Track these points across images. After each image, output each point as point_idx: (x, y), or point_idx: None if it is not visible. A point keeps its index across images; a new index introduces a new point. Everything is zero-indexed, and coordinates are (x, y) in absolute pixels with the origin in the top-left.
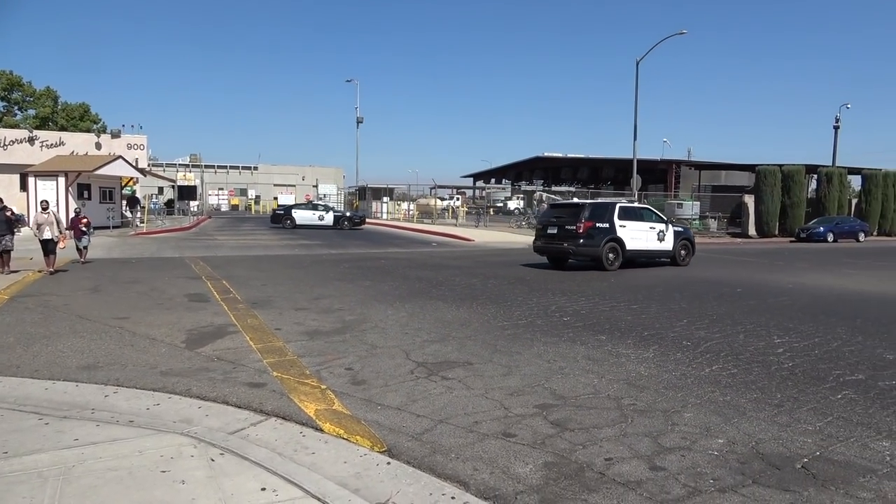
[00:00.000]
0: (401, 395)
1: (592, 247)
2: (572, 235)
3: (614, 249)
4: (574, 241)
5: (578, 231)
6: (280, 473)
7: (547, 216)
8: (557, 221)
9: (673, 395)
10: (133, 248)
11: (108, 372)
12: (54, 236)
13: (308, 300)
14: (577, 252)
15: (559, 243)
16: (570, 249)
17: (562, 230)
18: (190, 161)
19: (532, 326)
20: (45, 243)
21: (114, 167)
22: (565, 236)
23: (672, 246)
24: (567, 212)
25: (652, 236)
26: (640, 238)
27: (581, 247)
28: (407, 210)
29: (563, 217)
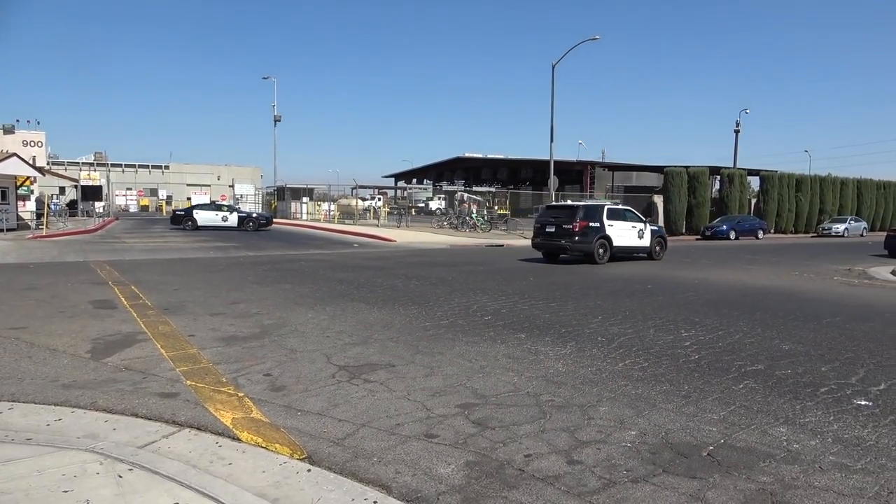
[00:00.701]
0: (322, 400)
1: (586, 244)
2: (569, 234)
3: (604, 246)
4: (570, 238)
5: (574, 230)
6: (194, 487)
7: (545, 216)
8: (556, 221)
9: (589, 390)
10: (31, 253)
11: (2, 387)
12: None
13: (224, 305)
14: (572, 248)
15: (557, 240)
16: (566, 246)
17: (559, 229)
18: (95, 159)
19: (454, 326)
20: None
21: (7, 165)
22: (562, 234)
23: (649, 242)
24: (564, 213)
25: (634, 234)
26: (625, 236)
27: (576, 243)
28: (327, 210)
29: (561, 217)
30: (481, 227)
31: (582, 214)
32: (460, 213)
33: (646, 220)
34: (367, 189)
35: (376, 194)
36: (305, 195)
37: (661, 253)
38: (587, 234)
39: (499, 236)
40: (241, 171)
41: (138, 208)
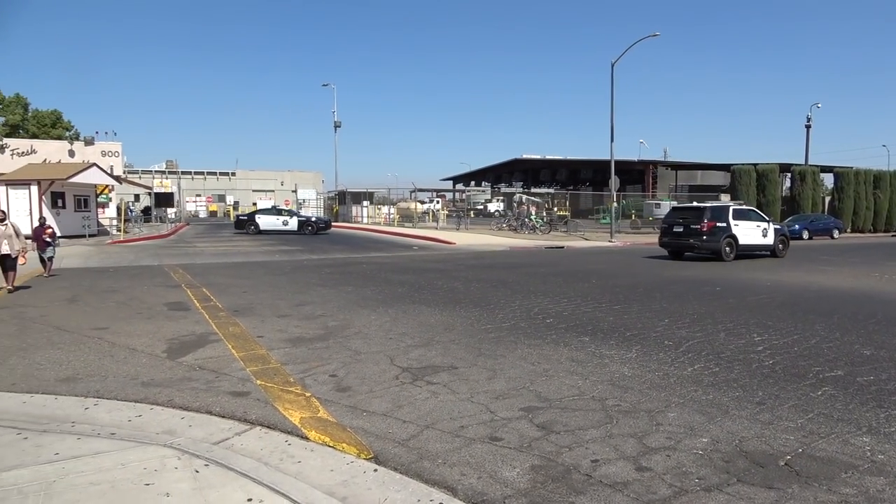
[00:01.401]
0: (386, 401)
1: (714, 242)
2: (697, 233)
3: (730, 244)
4: (698, 237)
5: (702, 229)
6: (266, 483)
7: (672, 217)
8: (683, 222)
9: (656, 395)
10: (111, 257)
11: (88, 384)
12: (13, 251)
13: (290, 307)
14: (700, 247)
15: (685, 239)
16: (694, 244)
17: (687, 229)
18: (166, 167)
19: (515, 329)
20: (3, 259)
21: (88, 175)
22: (690, 234)
23: (773, 241)
24: (691, 213)
25: (758, 233)
26: (750, 235)
27: (705, 242)
28: (387, 214)
29: (688, 218)
30: (540, 228)
31: (709, 215)
32: (519, 215)
33: (769, 220)
34: (425, 192)
35: (435, 197)
36: (365, 199)
37: (784, 250)
38: (715, 234)
39: (559, 238)
40: (303, 177)
41: (207, 214)
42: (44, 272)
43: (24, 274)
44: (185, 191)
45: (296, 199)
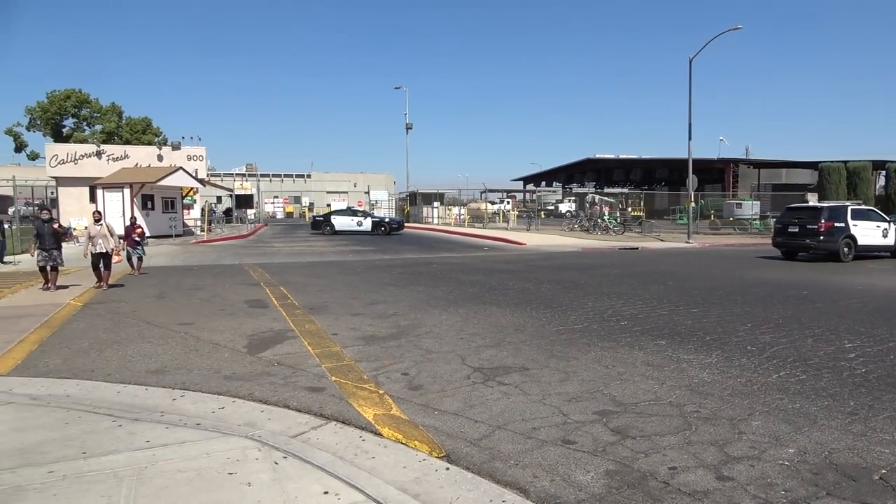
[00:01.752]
0: (458, 401)
1: (832, 243)
2: (813, 233)
3: (849, 245)
4: (815, 237)
5: (819, 230)
6: (341, 477)
7: (787, 217)
8: (799, 222)
9: (738, 403)
10: (194, 256)
11: (175, 376)
12: (108, 249)
13: (363, 305)
14: (817, 247)
15: (800, 240)
16: (811, 245)
17: (803, 229)
18: (246, 171)
19: (588, 331)
20: (99, 257)
21: (175, 178)
22: (806, 234)
23: (893, 241)
24: (807, 213)
25: (878, 233)
26: (869, 235)
27: (822, 243)
28: (458, 214)
29: (804, 218)
30: (614, 229)
31: (827, 215)
32: (591, 216)
33: (890, 220)
34: (496, 192)
35: (505, 198)
36: (436, 200)
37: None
38: (832, 234)
39: (633, 239)
40: (375, 178)
41: (284, 215)
42: (133, 271)
43: (115, 273)
44: (263, 193)
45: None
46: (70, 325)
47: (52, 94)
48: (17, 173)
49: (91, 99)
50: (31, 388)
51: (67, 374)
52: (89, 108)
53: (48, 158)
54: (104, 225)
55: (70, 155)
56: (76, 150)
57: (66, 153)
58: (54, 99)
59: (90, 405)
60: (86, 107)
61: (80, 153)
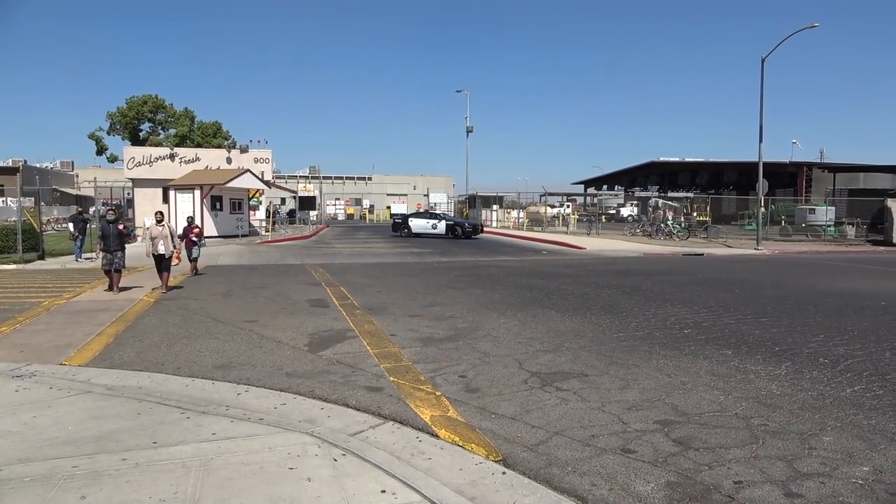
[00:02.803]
0: (515, 405)
1: None
2: None
3: None
4: None
5: None
6: (398, 477)
7: None
8: None
9: (809, 417)
10: (259, 256)
11: (240, 371)
12: (168, 251)
13: (421, 307)
14: None
15: None
16: None
17: None
18: (309, 173)
19: (650, 338)
20: (159, 259)
21: (242, 180)
22: None
23: None
24: None
25: None
26: None
27: None
28: (517, 218)
29: None
30: (678, 234)
31: None
32: (654, 220)
33: None
34: (555, 196)
35: (565, 201)
36: (495, 203)
37: None
38: None
39: (698, 244)
40: (434, 181)
41: (345, 216)
42: (190, 272)
43: (174, 274)
44: (325, 195)
45: (427, 203)
46: (143, 320)
47: (130, 99)
48: (98, 175)
49: (166, 104)
50: (107, 379)
51: (140, 366)
52: (164, 113)
53: (126, 161)
54: (165, 226)
55: (145, 157)
56: (151, 153)
57: (142, 156)
58: (133, 104)
59: (160, 397)
60: (161, 112)
61: (154, 156)
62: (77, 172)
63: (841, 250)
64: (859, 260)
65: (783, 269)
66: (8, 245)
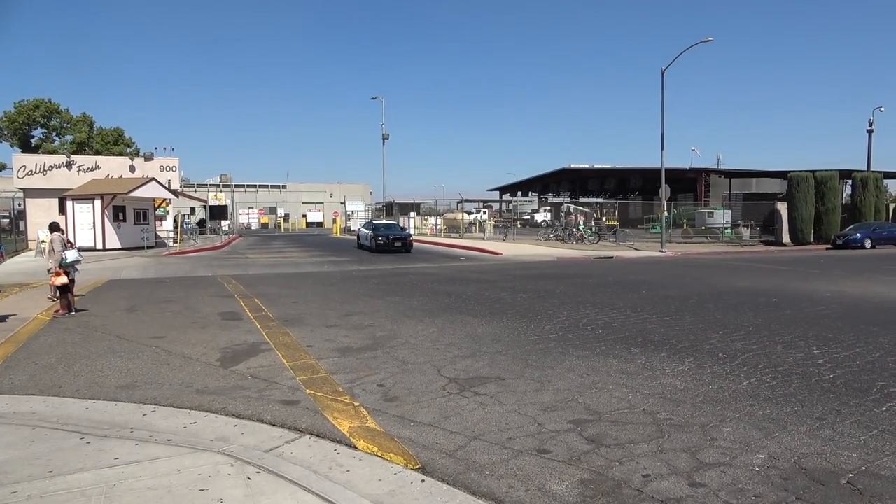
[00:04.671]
0: (433, 412)
1: None
2: None
3: None
4: None
5: None
6: (316, 492)
7: None
8: None
9: (710, 410)
10: (167, 268)
11: (146, 391)
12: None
13: (339, 317)
14: None
15: None
16: None
17: None
18: (220, 181)
19: (563, 340)
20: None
21: (147, 189)
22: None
23: None
24: None
25: None
26: None
27: None
28: (434, 225)
29: None
30: (589, 238)
31: None
32: (567, 225)
33: None
34: (472, 203)
35: (481, 208)
36: (412, 210)
37: None
38: None
39: (607, 248)
40: (351, 189)
41: (259, 226)
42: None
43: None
44: (238, 203)
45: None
46: (37, 339)
47: (20, 103)
48: None
49: (61, 109)
50: None
51: (33, 390)
52: (59, 119)
53: (16, 169)
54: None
55: (39, 166)
56: (45, 161)
57: (34, 164)
58: (23, 109)
59: (57, 422)
60: (56, 117)
61: (49, 164)
62: None
63: (737, 251)
64: (753, 259)
65: (685, 270)
66: None
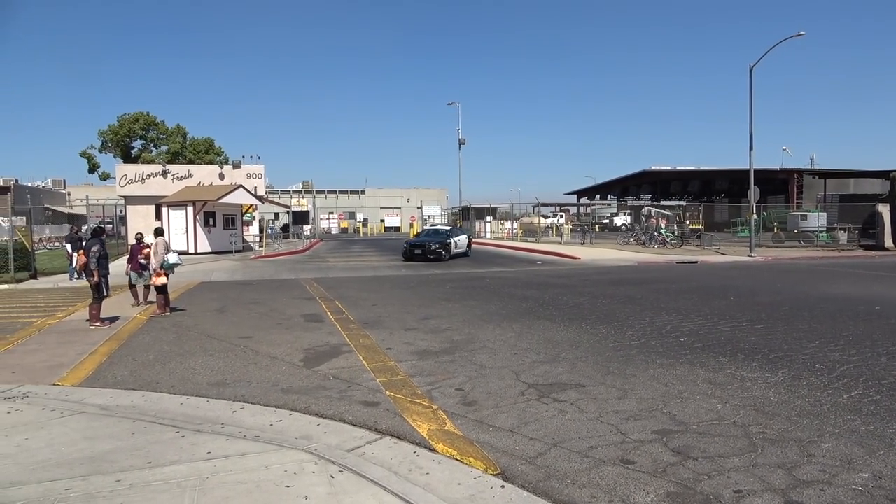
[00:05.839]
0: (512, 417)
1: None
2: None
3: None
4: None
5: None
6: (397, 493)
7: None
8: None
9: (807, 424)
10: (253, 271)
11: (235, 389)
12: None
13: (416, 320)
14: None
15: None
16: None
17: None
18: (303, 187)
19: (646, 348)
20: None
21: (235, 196)
22: None
23: None
24: None
25: None
26: None
27: None
28: (510, 229)
29: None
30: (671, 242)
31: None
32: (647, 229)
33: None
34: (548, 206)
35: (558, 211)
36: (489, 214)
37: None
38: None
39: (691, 252)
40: (428, 193)
41: (339, 230)
42: (137, 301)
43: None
44: (318, 209)
45: (421, 216)
46: (136, 338)
47: (122, 117)
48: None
49: (158, 121)
50: (101, 399)
51: (134, 385)
52: (156, 130)
53: (118, 178)
54: (155, 243)
55: (138, 175)
56: (143, 170)
57: (134, 173)
58: (124, 122)
59: (155, 416)
60: (153, 128)
61: (147, 173)
62: (69, 191)
63: (833, 256)
64: (852, 265)
65: (777, 276)
66: (0, 265)
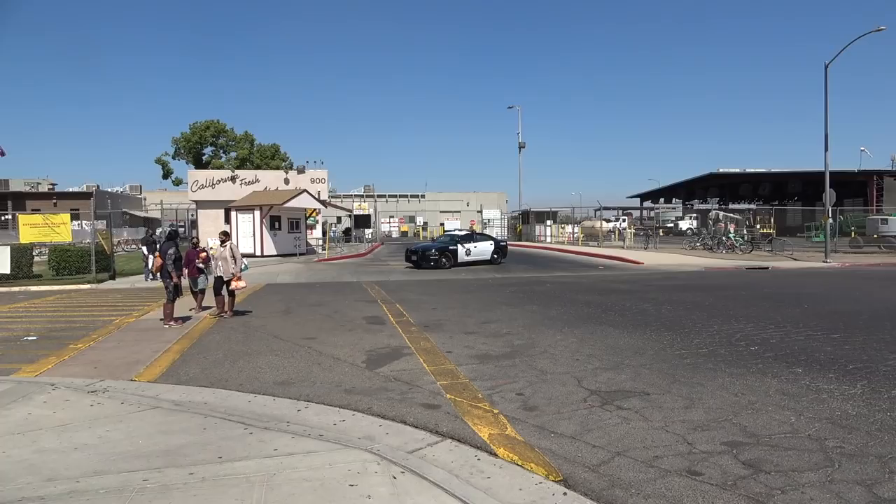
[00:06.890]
0: (574, 424)
1: None
2: None
3: None
4: None
5: None
6: (458, 496)
7: None
8: None
9: (889, 439)
10: (317, 274)
11: (300, 388)
12: (226, 275)
13: (476, 324)
14: None
15: None
16: None
17: None
18: (364, 192)
19: (714, 356)
20: (220, 282)
21: (299, 200)
22: None
23: None
24: None
25: None
26: None
27: None
28: (571, 233)
29: None
30: (740, 247)
31: None
32: (715, 234)
33: None
34: (610, 210)
35: (620, 215)
36: (549, 218)
37: None
38: None
39: (762, 258)
40: (487, 197)
41: (399, 234)
42: (196, 306)
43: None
44: (379, 213)
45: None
46: (206, 337)
47: (194, 125)
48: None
49: (227, 128)
50: (174, 395)
51: (205, 382)
52: (226, 137)
53: (190, 184)
54: (228, 247)
55: (208, 180)
56: (214, 176)
57: (205, 178)
58: (196, 129)
59: (224, 412)
60: (223, 136)
61: (217, 178)
62: (145, 195)
63: None
64: None
65: (855, 283)
66: (82, 266)
